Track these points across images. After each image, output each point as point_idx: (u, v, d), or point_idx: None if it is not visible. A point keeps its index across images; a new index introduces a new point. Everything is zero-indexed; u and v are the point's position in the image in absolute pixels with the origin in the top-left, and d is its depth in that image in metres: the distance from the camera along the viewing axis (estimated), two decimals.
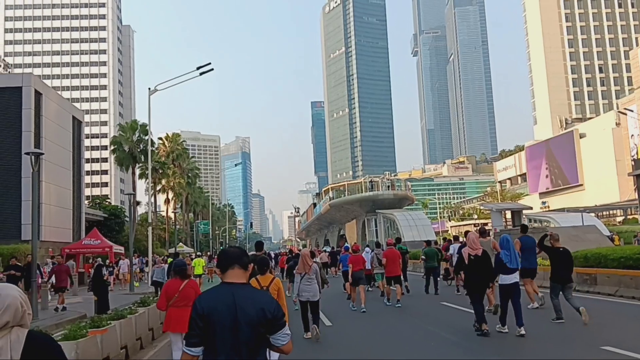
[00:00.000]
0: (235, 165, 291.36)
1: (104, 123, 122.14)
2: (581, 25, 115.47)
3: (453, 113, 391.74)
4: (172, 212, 58.72)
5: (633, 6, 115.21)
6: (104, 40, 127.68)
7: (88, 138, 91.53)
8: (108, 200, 65.80)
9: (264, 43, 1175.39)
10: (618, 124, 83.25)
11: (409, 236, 50.50)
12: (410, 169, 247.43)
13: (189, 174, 70.47)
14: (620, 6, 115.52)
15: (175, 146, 65.39)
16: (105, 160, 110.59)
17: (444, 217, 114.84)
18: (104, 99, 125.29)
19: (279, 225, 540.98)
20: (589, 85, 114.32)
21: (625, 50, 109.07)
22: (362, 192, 67.79)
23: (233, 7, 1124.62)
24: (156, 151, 56.72)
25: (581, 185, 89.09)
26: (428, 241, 20.98)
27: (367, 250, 19.94)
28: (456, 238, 21.54)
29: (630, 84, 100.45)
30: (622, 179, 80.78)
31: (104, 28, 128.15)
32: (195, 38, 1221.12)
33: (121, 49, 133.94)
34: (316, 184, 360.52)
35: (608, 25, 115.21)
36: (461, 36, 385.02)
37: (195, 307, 2.97)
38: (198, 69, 28.09)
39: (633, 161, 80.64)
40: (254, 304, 2.97)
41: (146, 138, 44.59)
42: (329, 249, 38.12)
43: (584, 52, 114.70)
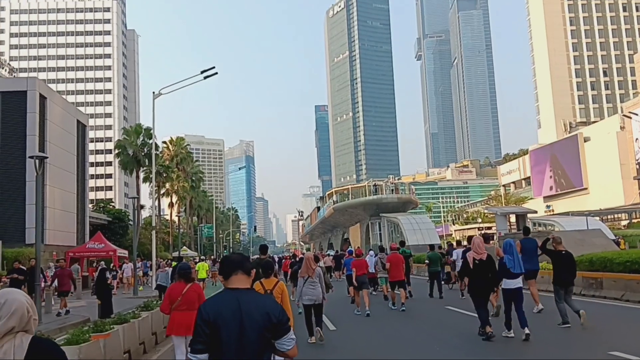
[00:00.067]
0: (239, 169, 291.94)
1: (109, 127, 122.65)
2: (585, 29, 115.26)
3: (457, 117, 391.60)
4: (176, 216, 58.85)
5: (637, 10, 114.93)
6: (108, 44, 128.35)
7: (92, 142, 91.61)
8: (112, 204, 65.91)
9: (268, 47, 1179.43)
10: (622, 127, 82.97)
11: (413, 240, 50.29)
12: (414, 172, 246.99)
13: (193, 178, 70.63)
14: (624, 10, 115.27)
15: (179, 150, 65.58)
16: (109, 164, 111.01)
17: (448, 221, 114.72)
18: (109, 103, 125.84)
19: (282, 228, 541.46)
20: (593, 89, 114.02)
21: (629, 54, 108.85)
22: (366, 196, 67.71)
23: (237, 12, 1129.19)
24: (160, 155, 56.83)
25: (585, 188, 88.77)
26: (432, 245, 21.08)
27: (371, 254, 19.92)
28: (459, 243, 21.58)
29: (634, 87, 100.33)
30: (627, 182, 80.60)
31: (108, 32, 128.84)
32: (199, 42, 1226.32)
33: (126, 53, 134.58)
34: (320, 188, 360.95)
35: (612, 29, 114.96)
36: (465, 40, 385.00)
37: (201, 313, 2.96)
38: (202, 72, 28.22)
39: (638, 165, 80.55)
40: (258, 309, 2.96)
41: (150, 142, 44.67)
42: (333, 253, 38.12)
43: (588, 56, 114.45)
